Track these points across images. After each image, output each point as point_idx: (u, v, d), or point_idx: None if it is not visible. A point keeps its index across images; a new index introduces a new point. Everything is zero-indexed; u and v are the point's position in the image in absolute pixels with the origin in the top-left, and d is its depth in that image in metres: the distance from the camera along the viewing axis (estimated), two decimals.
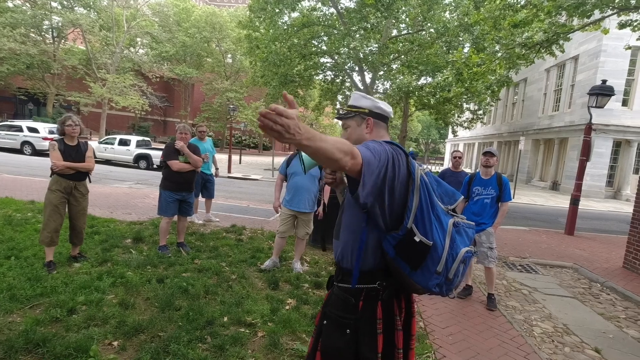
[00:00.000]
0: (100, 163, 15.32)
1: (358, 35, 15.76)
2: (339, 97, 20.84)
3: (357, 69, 17.70)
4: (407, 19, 17.23)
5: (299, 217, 4.38)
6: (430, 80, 17.29)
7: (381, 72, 18.27)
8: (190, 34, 30.15)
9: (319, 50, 17.88)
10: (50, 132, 16.10)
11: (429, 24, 15.86)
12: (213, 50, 33.05)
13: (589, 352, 3.23)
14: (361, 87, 17.98)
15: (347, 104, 1.55)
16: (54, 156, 3.66)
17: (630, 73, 17.54)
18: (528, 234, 8.24)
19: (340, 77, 19.27)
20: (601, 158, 17.88)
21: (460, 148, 37.91)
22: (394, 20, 16.26)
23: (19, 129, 16.41)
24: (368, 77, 18.04)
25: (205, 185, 6.39)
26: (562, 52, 10.19)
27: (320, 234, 5.27)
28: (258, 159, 29.59)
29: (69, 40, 27.96)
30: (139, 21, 28.32)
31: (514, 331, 3.43)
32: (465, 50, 15.03)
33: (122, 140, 16.06)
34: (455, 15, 15.63)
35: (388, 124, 1.55)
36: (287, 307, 3.38)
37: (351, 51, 15.71)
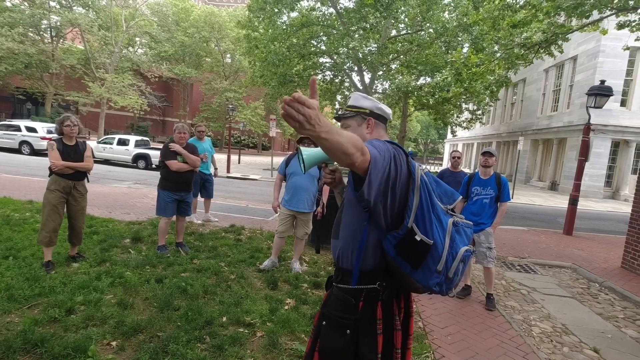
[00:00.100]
0: (99, 163, 15.30)
1: (357, 35, 15.77)
2: (338, 97, 20.85)
3: (356, 69, 17.70)
4: (406, 19, 17.25)
5: (298, 217, 4.37)
6: (429, 80, 17.31)
7: (380, 72, 18.28)
8: (189, 34, 30.10)
9: (318, 50, 17.88)
10: (49, 132, 16.04)
11: (428, 24, 15.88)
12: (212, 50, 33.00)
13: (588, 352, 3.24)
14: (360, 87, 17.98)
15: (347, 104, 1.54)
16: (52, 156, 3.64)
17: (629, 73, 17.59)
18: (527, 234, 8.25)
19: (340, 77, 19.28)
20: (600, 158, 17.92)
21: (459, 148, 37.96)
22: (393, 20, 16.28)
23: (17, 129, 16.36)
24: (367, 77, 18.05)
25: (204, 185, 6.39)
26: (561, 53, 10.22)
27: (316, 234, 5.24)
28: (257, 159, 29.58)
29: (68, 39, 27.85)
30: (137, 21, 28.27)
31: (513, 331, 3.43)
32: (464, 50, 15.04)
33: (121, 140, 16.04)
34: (454, 16, 15.66)
35: (387, 125, 1.55)
36: (286, 307, 3.38)
37: (350, 51, 15.72)
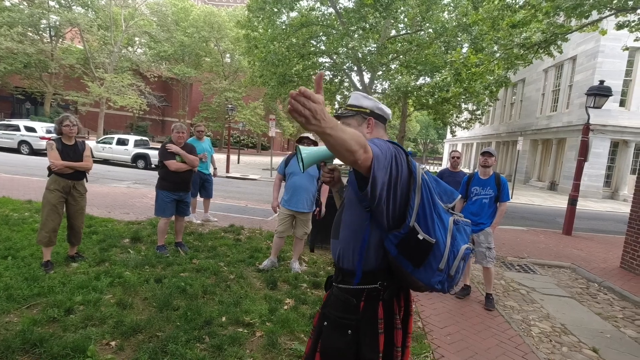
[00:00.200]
0: (98, 163, 15.27)
1: (357, 35, 15.76)
2: (338, 97, 20.83)
3: (356, 69, 17.70)
4: (406, 19, 17.25)
5: (297, 217, 4.37)
6: (428, 80, 17.32)
7: (380, 72, 18.27)
8: (189, 34, 30.06)
9: (317, 50, 17.87)
10: (48, 132, 16.01)
11: (428, 24, 15.89)
12: (211, 50, 32.96)
13: (587, 352, 3.24)
14: (360, 87, 17.98)
15: (348, 103, 1.53)
16: (52, 155, 3.64)
17: (628, 74, 17.62)
18: (526, 234, 8.26)
19: (339, 77, 19.27)
20: (599, 158, 17.96)
21: (459, 148, 37.98)
22: (392, 20, 16.28)
23: (17, 129, 16.33)
24: (367, 77, 18.05)
25: (204, 185, 6.38)
26: (560, 53, 10.23)
27: (312, 233, 5.23)
28: (256, 159, 29.58)
29: (67, 39, 27.79)
30: (137, 20, 28.23)
31: (512, 331, 3.44)
32: (464, 50, 15.05)
33: (120, 139, 16.03)
34: (454, 16, 15.67)
35: (386, 125, 1.55)
36: (286, 307, 3.38)
37: (350, 51, 15.71)
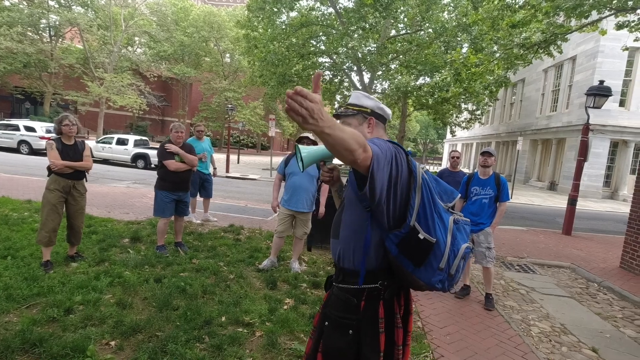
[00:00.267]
0: (98, 162, 15.26)
1: (356, 35, 15.76)
2: (338, 97, 20.83)
3: (356, 68, 17.69)
4: (406, 19, 17.24)
5: (297, 217, 4.37)
6: (428, 80, 17.31)
7: (379, 72, 18.27)
8: (189, 34, 30.05)
9: (317, 50, 17.86)
10: (48, 132, 16.00)
11: (428, 24, 15.89)
12: (211, 50, 32.95)
13: (586, 352, 3.24)
14: (359, 87, 17.97)
15: (348, 103, 1.52)
16: (52, 155, 3.64)
17: (627, 74, 17.63)
18: (526, 234, 8.26)
19: (339, 77, 19.26)
20: (598, 158, 17.97)
21: (459, 148, 37.98)
22: (392, 20, 16.27)
23: (16, 128, 16.32)
24: (366, 77, 18.05)
25: (203, 184, 6.38)
26: (560, 53, 10.24)
27: (310, 233, 5.22)
28: (256, 159, 29.57)
29: (67, 39, 27.76)
30: (136, 20, 28.22)
31: (512, 331, 3.44)
32: (464, 50, 15.05)
33: (120, 139, 16.02)
34: (454, 16, 15.67)
35: (386, 125, 1.54)
36: (285, 307, 3.38)
37: (349, 51, 15.70)
